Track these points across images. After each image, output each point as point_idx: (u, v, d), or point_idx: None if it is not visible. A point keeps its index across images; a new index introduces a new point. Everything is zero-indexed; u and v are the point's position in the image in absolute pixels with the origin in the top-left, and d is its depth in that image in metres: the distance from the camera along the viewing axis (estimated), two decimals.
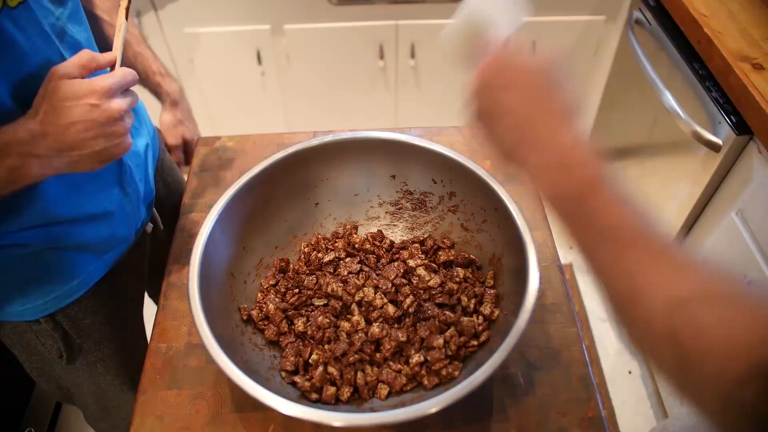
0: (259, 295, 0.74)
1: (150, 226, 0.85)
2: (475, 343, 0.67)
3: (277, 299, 0.73)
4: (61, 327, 0.76)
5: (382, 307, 0.70)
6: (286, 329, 0.70)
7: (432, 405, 0.53)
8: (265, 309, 0.72)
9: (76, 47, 0.63)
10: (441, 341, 0.66)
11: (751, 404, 0.33)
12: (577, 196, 0.44)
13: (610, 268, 0.41)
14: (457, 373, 0.64)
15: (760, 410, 0.33)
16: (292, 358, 0.67)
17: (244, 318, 0.70)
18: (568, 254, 1.93)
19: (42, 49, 0.57)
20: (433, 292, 0.72)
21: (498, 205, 0.70)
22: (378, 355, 0.67)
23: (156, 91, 0.90)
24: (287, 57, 1.69)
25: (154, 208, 0.87)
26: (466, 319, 0.68)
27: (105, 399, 0.89)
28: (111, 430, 0.97)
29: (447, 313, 0.69)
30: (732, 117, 1.11)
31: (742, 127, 1.09)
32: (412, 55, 1.70)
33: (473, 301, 0.70)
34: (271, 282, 0.75)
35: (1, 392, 1.29)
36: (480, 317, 0.68)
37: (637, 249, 0.40)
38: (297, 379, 0.65)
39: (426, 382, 0.64)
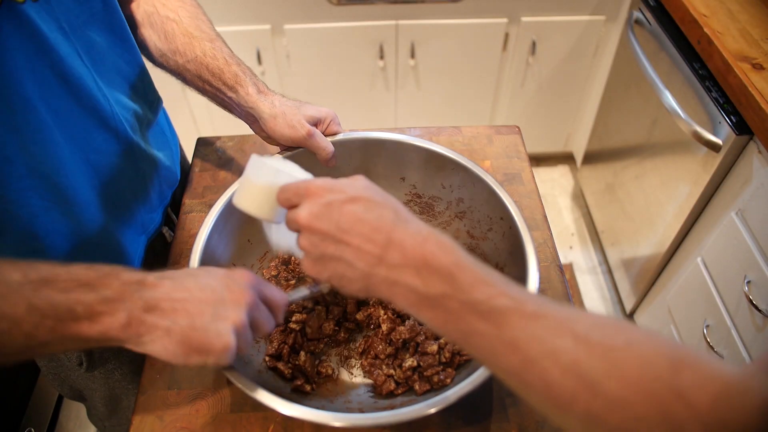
0: None
1: (169, 234, 0.85)
2: None
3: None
4: None
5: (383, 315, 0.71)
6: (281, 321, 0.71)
7: (431, 405, 0.53)
8: None
9: (94, 48, 0.63)
10: (435, 347, 0.66)
11: None
12: (442, 288, 0.40)
13: (493, 346, 0.39)
14: (449, 380, 0.64)
15: None
16: (276, 344, 0.67)
17: None
18: (568, 254, 1.93)
19: (63, 45, 0.57)
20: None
21: (504, 213, 0.69)
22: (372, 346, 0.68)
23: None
24: (287, 57, 1.69)
25: (171, 212, 0.87)
26: None
27: (116, 401, 0.88)
28: (114, 428, 0.97)
29: None
30: (732, 117, 1.11)
31: (742, 127, 1.09)
32: (412, 55, 1.70)
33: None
34: (273, 272, 0.75)
35: (1, 392, 1.29)
36: None
37: (515, 317, 0.38)
38: (279, 365, 0.65)
39: (417, 387, 0.64)
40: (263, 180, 0.51)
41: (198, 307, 0.47)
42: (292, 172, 0.53)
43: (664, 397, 0.33)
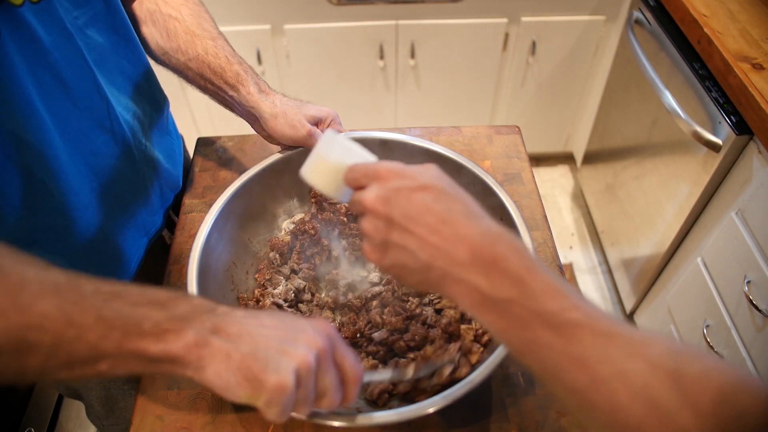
0: (257, 291, 0.74)
1: (168, 236, 0.85)
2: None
3: (272, 294, 0.73)
4: None
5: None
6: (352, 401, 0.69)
7: (429, 405, 0.53)
8: (261, 303, 0.72)
9: (95, 49, 0.63)
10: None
11: None
12: (510, 293, 0.38)
13: (560, 360, 0.37)
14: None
15: None
16: None
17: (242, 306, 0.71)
18: (568, 254, 1.93)
19: (64, 46, 0.57)
20: (432, 297, 0.72)
21: (503, 214, 0.69)
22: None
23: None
24: (287, 57, 1.69)
25: (172, 213, 0.87)
26: (464, 326, 0.68)
27: (112, 401, 0.88)
28: (113, 427, 0.97)
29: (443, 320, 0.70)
30: (732, 117, 1.11)
31: (742, 127, 1.09)
32: (412, 55, 1.70)
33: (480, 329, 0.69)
34: (266, 277, 0.76)
35: (1, 392, 1.28)
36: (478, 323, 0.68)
37: (587, 333, 0.36)
38: None
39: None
40: (333, 157, 0.51)
41: (265, 338, 0.44)
42: (363, 154, 0.52)
43: None
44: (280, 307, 0.72)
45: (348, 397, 0.47)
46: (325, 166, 0.51)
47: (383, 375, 0.58)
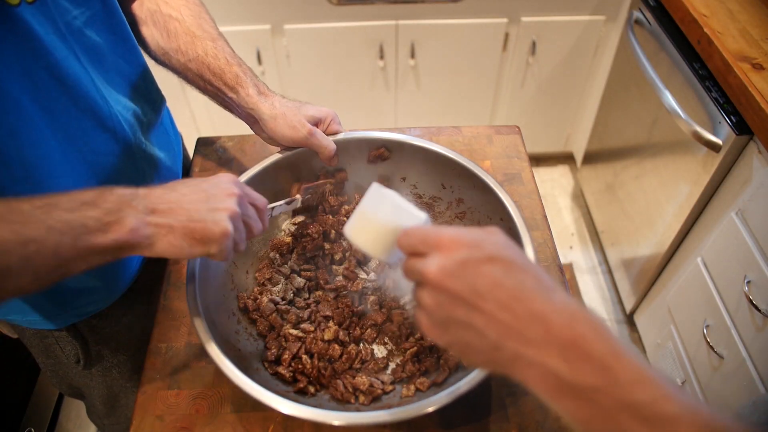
0: (256, 289, 0.74)
1: None
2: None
3: (271, 291, 0.74)
4: (81, 335, 0.76)
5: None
6: (278, 323, 0.70)
7: (429, 404, 0.53)
8: (258, 300, 0.72)
9: (93, 49, 0.63)
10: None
11: None
12: (594, 380, 0.35)
13: None
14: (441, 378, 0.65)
15: None
16: (274, 350, 0.67)
17: (241, 306, 0.71)
18: (568, 254, 1.93)
19: (63, 46, 0.57)
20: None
21: (503, 214, 0.69)
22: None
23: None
24: (287, 57, 1.69)
25: None
26: None
27: (114, 399, 0.89)
28: (114, 426, 0.97)
29: None
30: (732, 117, 1.11)
31: (742, 127, 1.09)
32: (412, 55, 1.70)
33: None
34: (266, 276, 0.76)
35: (1, 392, 1.29)
36: None
37: (683, 427, 0.32)
38: (280, 369, 0.65)
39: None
40: (382, 215, 0.47)
41: (192, 203, 0.52)
42: (412, 211, 0.48)
43: None
44: (276, 304, 0.72)
45: (264, 224, 0.59)
46: (373, 226, 0.48)
47: (280, 202, 0.69)
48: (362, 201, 0.49)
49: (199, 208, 0.52)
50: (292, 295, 0.74)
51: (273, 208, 0.67)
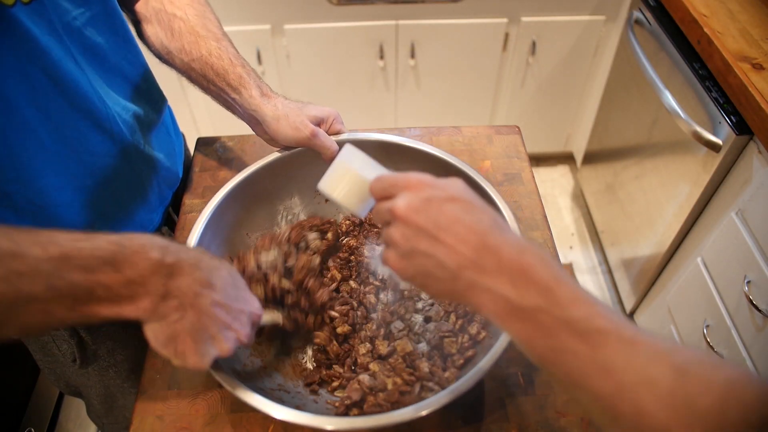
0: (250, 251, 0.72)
1: (169, 233, 0.85)
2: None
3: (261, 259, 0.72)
4: (77, 334, 0.76)
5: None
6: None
7: (422, 408, 0.53)
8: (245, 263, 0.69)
9: (93, 50, 0.63)
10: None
11: None
12: (537, 302, 0.39)
13: (586, 367, 0.37)
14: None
15: None
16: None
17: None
18: (568, 254, 1.93)
19: (55, 48, 0.57)
20: (424, 305, 0.72)
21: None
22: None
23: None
24: (287, 57, 1.69)
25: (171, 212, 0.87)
26: (447, 340, 0.67)
27: (112, 399, 0.89)
28: (113, 426, 0.97)
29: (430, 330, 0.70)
30: (732, 117, 1.11)
31: (742, 127, 1.09)
32: (412, 55, 1.70)
33: (461, 321, 0.69)
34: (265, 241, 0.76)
35: (1, 392, 1.29)
36: (466, 336, 0.68)
37: (612, 340, 0.37)
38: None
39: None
40: (355, 171, 0.51)
41: (210, 318, 0.49)
42: (382, 168, 0.53)
43: None
44: (259, 268, 0.68)
45: (250, 338, 0.56)
46: (348, 179, 0.51)
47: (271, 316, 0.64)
48: (336, 158, 0.53)
49: (210, 327, 0.50)
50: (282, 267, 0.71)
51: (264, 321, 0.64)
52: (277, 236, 0.71)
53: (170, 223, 0.88)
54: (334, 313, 0.70)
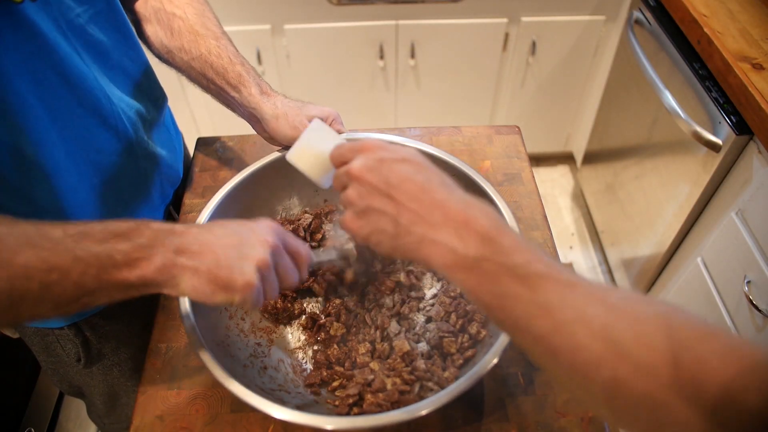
0: None
1: None
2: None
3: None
4: (82, 333, 0.76)
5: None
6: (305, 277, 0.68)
7: (422, 407, 0.53)
8: None
9: (96, 47, 0.63)
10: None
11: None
12: (481, 251, 0.41)
13: (527, 309, 0.39)
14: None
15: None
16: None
17: None
18: (568, 254, 1.93)
19: (66, 44, 0.57)
20: (425, 305, 0.72)
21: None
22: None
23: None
24: (287, 57, 1.69)
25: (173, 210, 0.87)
26: (447, 339, 0.67)
27: (115, 398, 0.89)
28: (114, 426, 0.97)
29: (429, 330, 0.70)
30: (732, 117, 1.11)
31: (742, 127, 1.09)
32: (412, 55, 1.70)
33: (461, 321, 0.69)
34: None
35: (1, 392, 1.29)
36: (466, 336, 0.68)
37: (551, 282, 0.39)
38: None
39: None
40: (321, 145, 0.54)
41: (223, 248, 0.50)
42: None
43: (691, 366, 0.33)
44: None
45: (302, 276, 0.57)
46: (313, 153, 0.55)
47: (329, 254, 0.64)
48: (305, 133, 0.56)
49: (229, 254, 0.50)
50: None
51: (319, 261, 0.64)
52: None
53: (167, 221, 0.88)
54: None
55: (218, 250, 0.50)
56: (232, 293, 0.50)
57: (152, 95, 0.77)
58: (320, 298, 0.74)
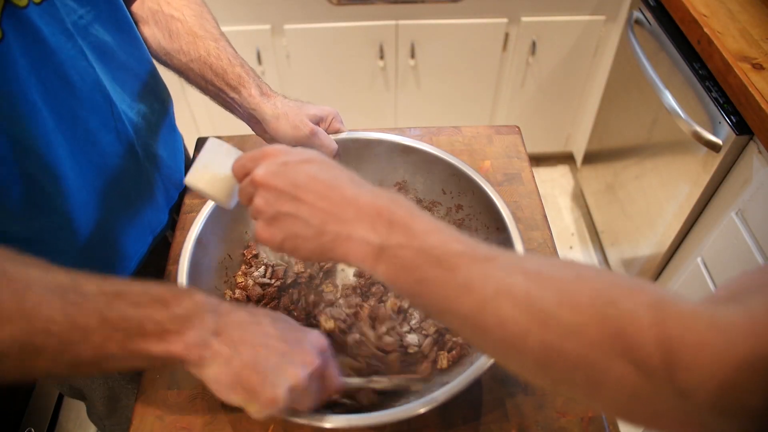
0: (243, 268, 0.75)
1: (171, 234, 0.85)
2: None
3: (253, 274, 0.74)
4: None
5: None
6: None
7: (420, 405, 0.53)
8: (243, 283, 0.72)
9: (101, 48, 0.63)
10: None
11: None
12: (396, 239, 0.40)
13: (448, 291, 0.38)
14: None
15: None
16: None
17: (226, 297, 0.71)
18: (568, 254, 1.93)
19: (69, 46, 0.57)
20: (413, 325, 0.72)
21: (500, 224, 0.69)
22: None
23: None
24: (287, 57, 1.69)
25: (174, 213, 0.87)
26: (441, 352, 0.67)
27: (115, 401, 0.88)
28: (114, 427, 0.97)
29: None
30: (732, 117, 1.11)
31: (742, 127, 1.09)
32: (412, 55, 1.70)
33: None
34: (253, 252, 0.76)
35: (1, 392, 1.28)
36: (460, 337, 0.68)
37: (468, 259, 0.38)
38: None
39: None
40: (221, 163, 0.52)
41: (266, 349, 0.47)
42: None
43: (619, 320, 0.33)
44: (263, 287, 0.72)
45: (316, 404, 0.51)
46: (213, 173, 0.52)
47: (355, 382, 0.59)
48: (201, 153, 0.53)
49: (270, 357, 0.46)
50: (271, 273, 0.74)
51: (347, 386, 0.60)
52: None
53: (173, 225, 0.88)
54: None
55: (260, 350, 0.46)
56: (253, 401, 0.46)
57: (158, 95, 0.77)
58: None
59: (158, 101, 0.77)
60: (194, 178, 0.53)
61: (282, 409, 0.46)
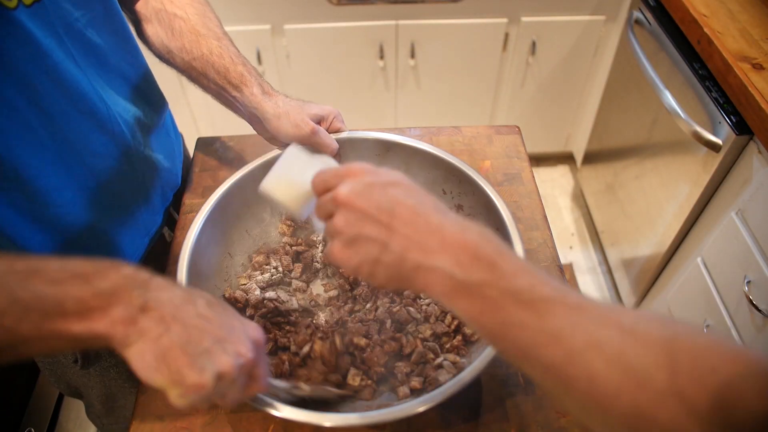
0: (246, 273, 0.75)
1: (169, 234, 0.85)
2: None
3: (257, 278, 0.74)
4: None
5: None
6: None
7: (419, 404, 0.53)
8: (245, 286, 0.73)
9: (93, 51, 0.63)
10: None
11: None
12: (482, 276, 0.38)
13: (535, 337, 0.37)
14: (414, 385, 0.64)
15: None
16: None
17: (226, 296, 0.71)
18: (568, 254, 1.93)
19: (56, 49, 0.57)
20: (421, 304, 0.72)
21: (500, 225, 0.69)
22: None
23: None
24: (287, 57, 1.69)
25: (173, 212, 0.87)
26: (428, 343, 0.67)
27: (112, 400, 0.89)
28: (113, 426, 0.97)
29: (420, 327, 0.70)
30: (732, 117, 1.11)
31: (742, 127, 1.09)
32: (412, 55, 1.70)
33: (456, 321, 0.69)
34: (258, 260, 0.76)
35: (1, 392, 1.29)
36: (460, 336, 0.68)
37: (558, 306, 0.36)
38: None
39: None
40: (298, 171, 0.50)
41: (198, 331, 0.43)
42: (328, 163, 0.51)
43: (720, 390, 0.31)
44: (263, 289, 0.72)
45: (240, 399, 0.47)
46: (290, 179, 0.50)
47: (281, 385, 0.57)
48: (280, 159, 0.51)
49: (201, 340, 0.43)
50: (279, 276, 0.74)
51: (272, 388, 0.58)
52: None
53: (170, 223, 0.88)
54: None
55: (192, 331, 0.42)
56: (177, 384, 0.42)
57: (151, 100, 0.77)
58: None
59: (151, 105, 0.77)
60: (270, 186, 0.51)
61: (205, 397, 0.43)
